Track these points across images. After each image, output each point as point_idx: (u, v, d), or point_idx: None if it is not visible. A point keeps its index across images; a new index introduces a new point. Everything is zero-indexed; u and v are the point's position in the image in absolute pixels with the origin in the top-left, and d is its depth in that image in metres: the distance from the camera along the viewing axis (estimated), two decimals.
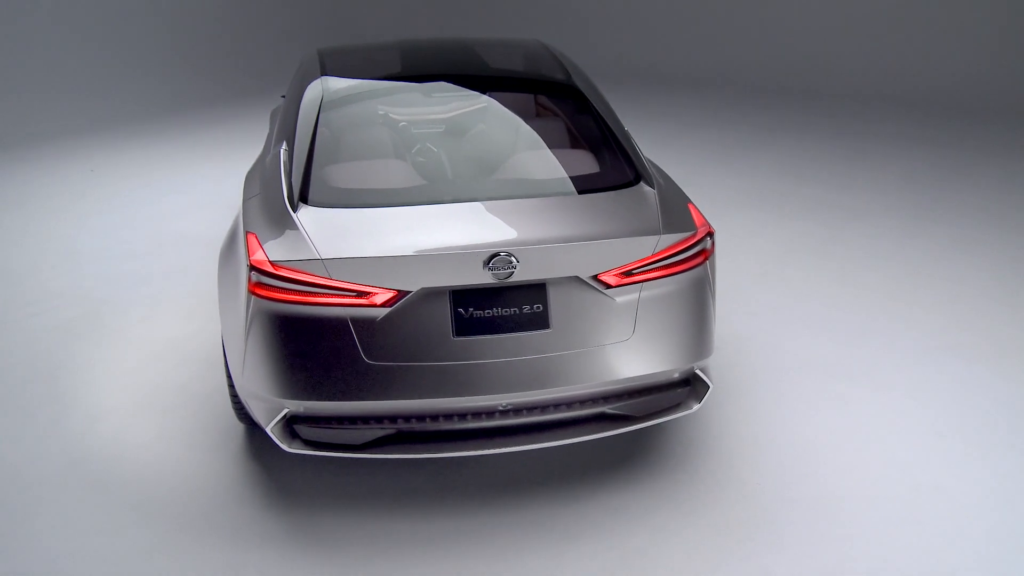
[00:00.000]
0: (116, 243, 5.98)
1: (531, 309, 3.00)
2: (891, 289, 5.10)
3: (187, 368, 4.29)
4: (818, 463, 3.51)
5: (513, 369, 2.96)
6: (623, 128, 3.70)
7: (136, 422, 3.85)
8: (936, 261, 5.49)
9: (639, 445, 3.63)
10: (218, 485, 3.41)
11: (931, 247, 5.72)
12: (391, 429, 3.03)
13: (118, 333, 4.67)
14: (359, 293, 2.90)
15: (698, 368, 3.27)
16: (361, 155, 3.53)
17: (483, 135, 3.74)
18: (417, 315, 2.93)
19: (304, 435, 3.04)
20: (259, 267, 2.93)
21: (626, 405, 3.14)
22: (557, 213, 3.16)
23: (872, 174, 7.37)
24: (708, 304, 3.25)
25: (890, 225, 6.14)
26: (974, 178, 7.21)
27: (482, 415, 3.06)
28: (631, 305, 3.08)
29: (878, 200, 6.68)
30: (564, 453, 3.60)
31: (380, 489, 3.38)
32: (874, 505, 3.25)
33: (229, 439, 3.70)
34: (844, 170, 7.49)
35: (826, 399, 3.97)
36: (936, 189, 6.96)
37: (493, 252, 2.90)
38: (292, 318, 2.92)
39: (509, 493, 3.34)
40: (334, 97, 3.73)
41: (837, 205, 6.58)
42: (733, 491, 3.34)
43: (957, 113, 9.44)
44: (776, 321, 4.74)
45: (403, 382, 2.92)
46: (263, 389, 3.00)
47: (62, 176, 7.61)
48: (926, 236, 5.92)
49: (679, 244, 3.13)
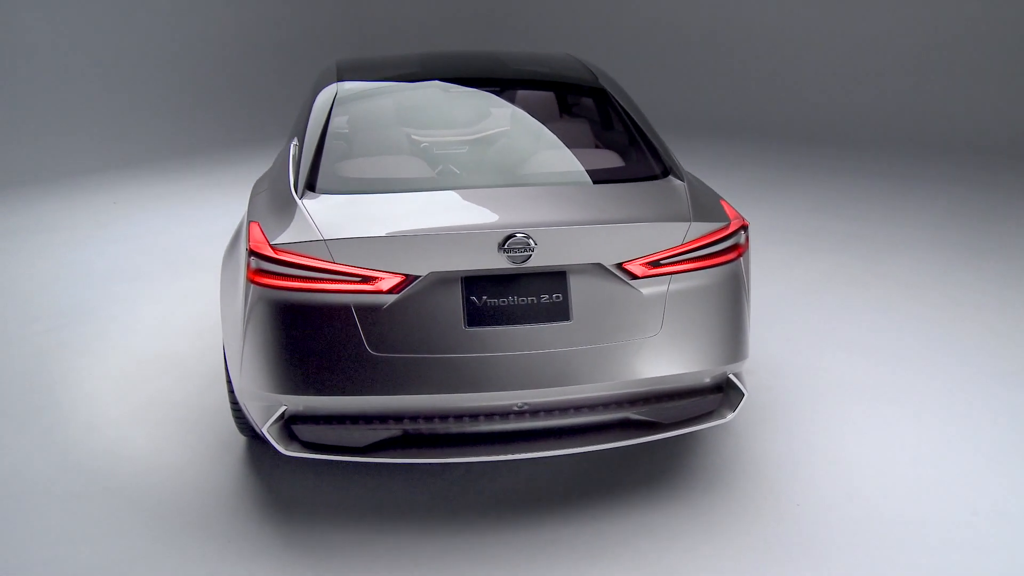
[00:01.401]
0: (130, 267, 5.87)
1: (550, 299, 2.77)
2: (935, 318, 4.81)
3: (190, 383, 4.09)
4: (863, 484, 3.20)
5: (529, 364, 2.71)
6: (651, 126, 3.51)
7: (132, 433, 3.63)
8: (983, 293, 5.19)
9: (668, 459, 3.34)
10: (212, 496, 3.17)
11: (977, 280, 5.42)
12: (396, 431, 2.79)
13: (123, 349, 4.50)
14: (364, 278, 2.69)
15: (731, 373, 3.00)
16: (374, 148, 3.37)
17: (505, 132, 3.57)
18: (426, 303, 2.71)
19: (303, 436, 2.80)
20: (258, 251, 2.73)
21: (653, 410, 2.88)
22: (579, 198, 2.96)
23: (910, 211, 7.11)
24: (742, 303, 3.00)
25: (932, 259, 5.86)
26: (1018, 216, 6.93)
27: (495, 416, 2.81)
28: (658, 298, 2.83)
29: (918, 235, 6.41)
30: (586, 464, 3.32)
31: (385, 501, 3.12)
32: (928, 528, 2.94)
33: (227, 451, 3.48)
34: (880, 207, 7.25)
35: (870, 421, 3.67)
36: (982, 224, 6.67)
37: (509, 233, 2.68)
38: (292, 307, 2.71)
39: (526, 507, 3.07)
40: (348, 94, 3.59)
41: (873, 239, 6.32)
42: (770, 511, 3.04)
43: (995, 156, 9.18)
44: (813, 344, 4.46)
45: (410, 376, 2.68)
46: (261, 385, 2.78)
47: (84, 207, 7.59)
48: (971, 269, 5.63)
49: (711, 235, 2.89)
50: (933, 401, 3.83)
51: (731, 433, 3.57)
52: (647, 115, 3.86)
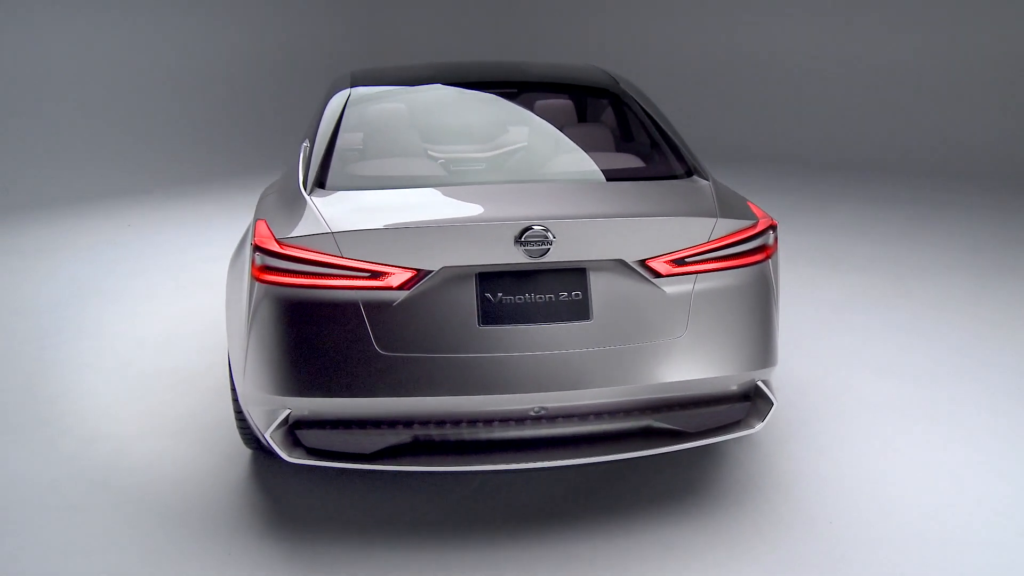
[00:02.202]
0: (140, 285, 5.78)
1: (569, 296, 2.63)
2: (968, 338, 4.62)
3: (195, 397, 3.97)
4: (901, 503, 3.02)
5: (546, 365, 2.57)
6: (674, 128, 3.40)
7: (133, 446, 3.50)
8: (1012, 315, 4.99)
9: (691, 473, 3.17)
10: (214, 509, 3.02)
11: (1006, 301, 5.23)
12: (406, 436, 2.64)
13: (127, 363, 4.38)
14: (373, 274, 2.56)
15: (760, 380, 2.85)
16: (388, 149, 3.26)
17: (523, 139, 3.46)
18: (438, 300, 2.58)
19: (308, 442, 2.66)
20: (264, 247, 2.62)
21: (677, 418, 2.72)
22: (600, 193, 2.84)
23: (935, 235, 6.93)
24: (771, 307, 2.85)
25: (958, 281, 5.67)
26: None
27: (510, 422, 2.66)
28: (683, 298, 2.69)
29: (944, 258, 6.23)
30: (607, 477, 3.15)
31: (392, 515, 2.96)
32: (973, 549, 2.75)
33: (231, 464, 3.33)
34: (904, 231, 7.07)
35: (904, 440, 3.49)
36: (1009, 247, 6.48)
37: (526, 226, 2.56)
38: (298, 304, 2.59)
39: (542, 522, 2.90)
40: (361, 97, 3.50)
41: (899, 262, 6.14)
42: (802, 528, 2.86)
43: (1021, 183, 9.01)
44: (841, 364, 4.28)
45: (420, 377, 2.54)
46: (264, 387, 2.65)
47: (98, 229, 7.53)
48: (1006, 290, 5.44)
49: (739, 233, 2.76)
50: (969, 421, 3.64)
51: (757, 448, 3.40)
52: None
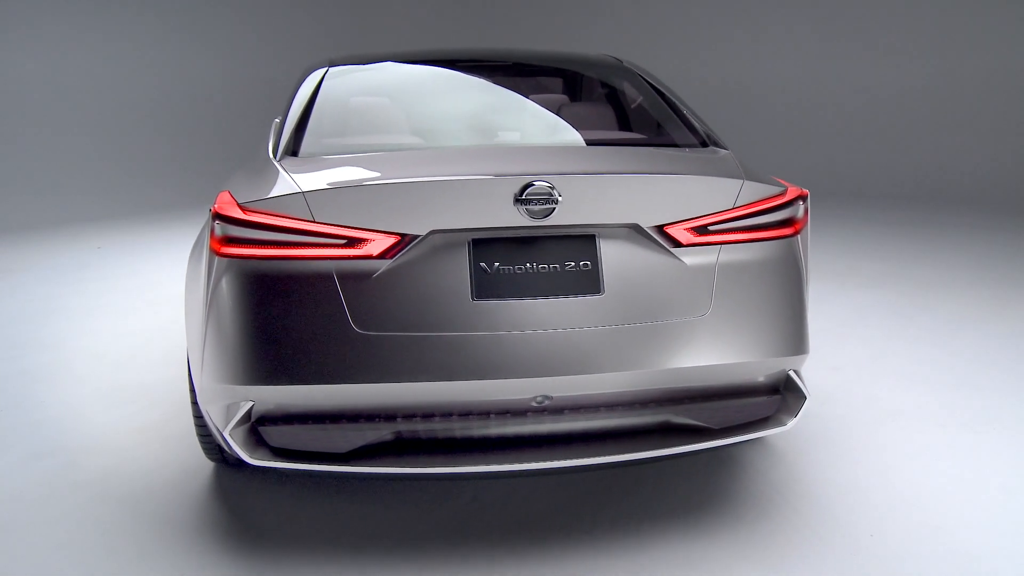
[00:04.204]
0: (106, 303, 5.43)
1: (576, 266, 2.29)
2: (992, 348, 4.31)
3: (156, 411, 3.59)
4: (948, 516, 2.67)
5: (551, 346, 2.21)
6: (685, 103, 3.10)
7: (84, 460, 3.12)
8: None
9: (709, 483, 2.81)
10: (170, 526, 2.64)
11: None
12: (387, 432, 2.27)
13: (86, 378, 4.01)
14: (350, 240, 2.22)
15: (791, 370, 2.50)
16: (370, 120, 2.95)
17: (522, 107, 3.16)
18: (425, 270, 2.24)
19: (273, 441, 2.28)
20: (225, 214, 2.27)
21: (699, 411, 2.36)
22: (614, 154, 2.54)
23: (943, 253, 6.69)
24: (802, 288, 2.53)
25: (975, 293, 5.39)
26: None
27: (508, 415, 2.30)
28: (707, 271, 2.36)
29: (954, 274, 5.95)
30: (618, 486, 2.79)
31: (373, 531, 2.58)
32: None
33: (191, 478, 2.95)
34: (910, 249, 6.82)
35: (940, 448, 3.15)
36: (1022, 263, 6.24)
37: (527, 182, 2.23)
38: (263, 279, 2.23)
39: (547, 535, 2.53)
40: (341, 72, 3.19)
41: (909, 277, 5.86)
42: (841, 542, 2.50)
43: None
44: (861, 374, 3.95)
45: (404, 360, 2.18)
46: (223, 377, 2.28)
47: (67, 251, 7.25)
48: (1019, 303, 5.15)
49: (767, 200, 2.44)
50: (1008, 431, 3.31)
51: (778, 456, 3.05)
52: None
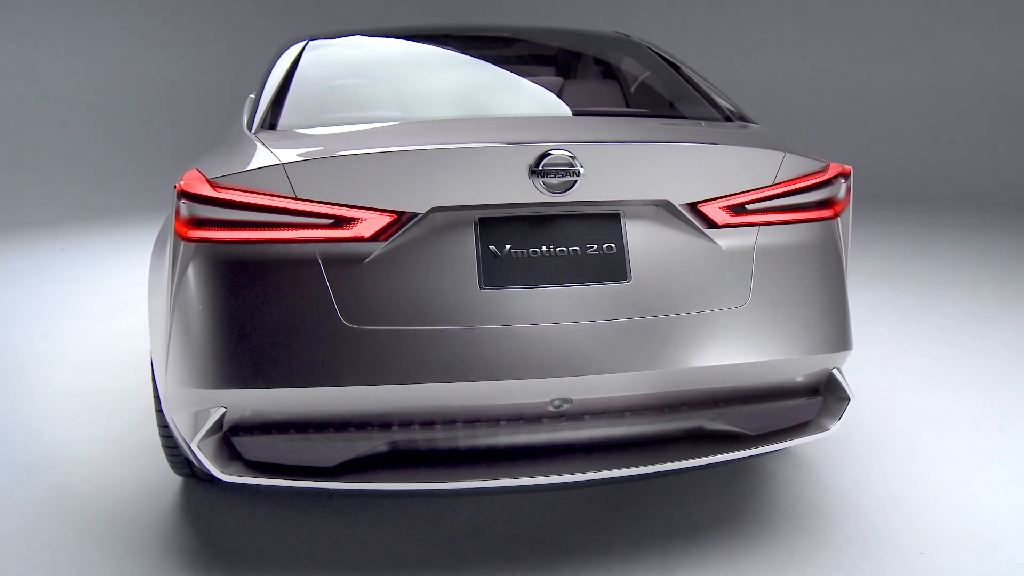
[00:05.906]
0: (67, 307, 5.08)
1: (599, 249, 2.00)
2: (1013, 345, 4.08)
3: (117, 419, 3.26)
4: (1002, 529, 2.41)
5: (570, 340, 1.92)
6: (708, 81, 2.84)
7: (38, 475, 2.78)
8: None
9: (732, 496, 2.54)
10: (130, 549, 2.31)
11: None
12: (381, 443, 1.97)
13: (42, 385, 3.68)
14: (337, 220, 1.92)
15: (834, 368, 2.23)
16: (361, 93, 2.66)
17: (529, 83, 2.88)
18: (425, 254, 1.94)
19: (248, 453, 1.97)
20: (191, 192, 1.96)
21: (734, 416, 2.09)
22: (641, 124, 2.28)
23: (946, 252, 6.51)
24: (843, 276, 2.26)
25: (985, 290, 5.19)
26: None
27: (521, 421, 2.01)
28: (744, 256, 2.08)
29: (959, 273, 5.75)
30: (637, 501, 2.50)
31: (362, 555, 2.28)
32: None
33: (155, 494, 2.63)
34: (912, 249, 6.63)
35: (982, 452, 2.90)
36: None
37: (545, 151, 1.94)
38: (236, 266, 1.93)
39: (555, 558, 2.24)
40: (322, 45, 2.90)
41: (915, 277, 5.65)
42: (890, 560, 2.23)
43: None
44: (880, 375, 3.70)
45: (400, 358, 1.88)
46: (190, 380, 1.96)
47: (30, 253, 6.89)
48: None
49: (809, 176, 2.17)
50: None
51: (805, 466, 2.78)
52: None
